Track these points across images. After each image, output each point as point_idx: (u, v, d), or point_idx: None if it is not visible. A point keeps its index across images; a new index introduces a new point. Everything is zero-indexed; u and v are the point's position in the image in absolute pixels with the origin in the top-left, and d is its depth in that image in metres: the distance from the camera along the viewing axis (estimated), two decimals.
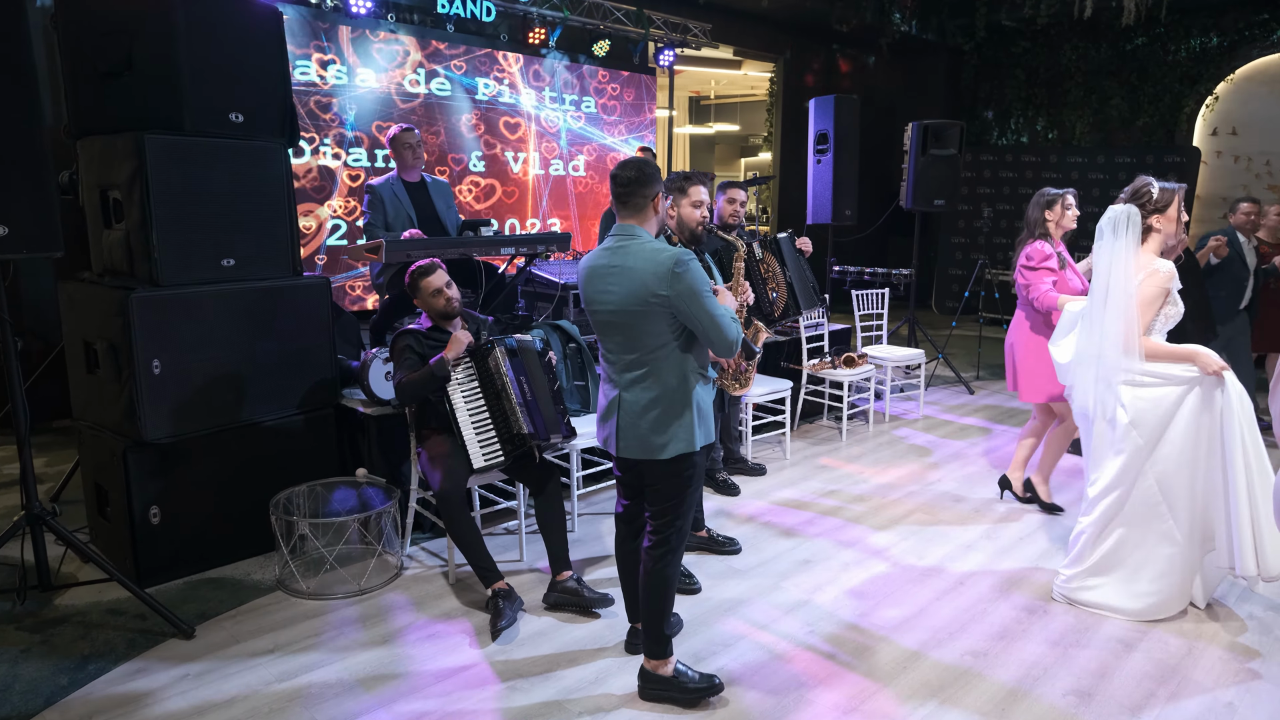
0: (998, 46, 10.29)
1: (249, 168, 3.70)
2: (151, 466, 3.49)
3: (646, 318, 2.56)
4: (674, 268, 2.49)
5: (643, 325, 2.57)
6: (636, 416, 2.65)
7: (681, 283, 2.49)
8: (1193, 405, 3.16)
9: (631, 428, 2.67)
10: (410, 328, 3.62)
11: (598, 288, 2.66)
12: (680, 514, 2.74)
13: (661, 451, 2.64)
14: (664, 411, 2.62)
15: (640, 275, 2.53)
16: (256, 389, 3.77)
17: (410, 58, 6.10)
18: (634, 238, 2.63)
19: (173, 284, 3.49)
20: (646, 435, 2.64)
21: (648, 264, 2.53)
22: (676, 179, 3.42)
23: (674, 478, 2.70)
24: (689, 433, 2.65)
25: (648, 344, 2.60)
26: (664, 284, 2.50)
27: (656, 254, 2.53)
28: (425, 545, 3.99)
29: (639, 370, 2.64)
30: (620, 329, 2.63)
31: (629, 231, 2.65)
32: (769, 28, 9.14)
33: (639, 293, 2.54)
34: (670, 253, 2.53)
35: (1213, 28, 9.01)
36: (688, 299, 2.51)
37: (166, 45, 3.41)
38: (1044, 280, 4.04)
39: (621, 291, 2.58)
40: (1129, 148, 9.57)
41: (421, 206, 4.71)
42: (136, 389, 3.39)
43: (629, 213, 2.67)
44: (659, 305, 2.53)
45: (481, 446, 3.49)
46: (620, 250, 2.62)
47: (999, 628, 3.28)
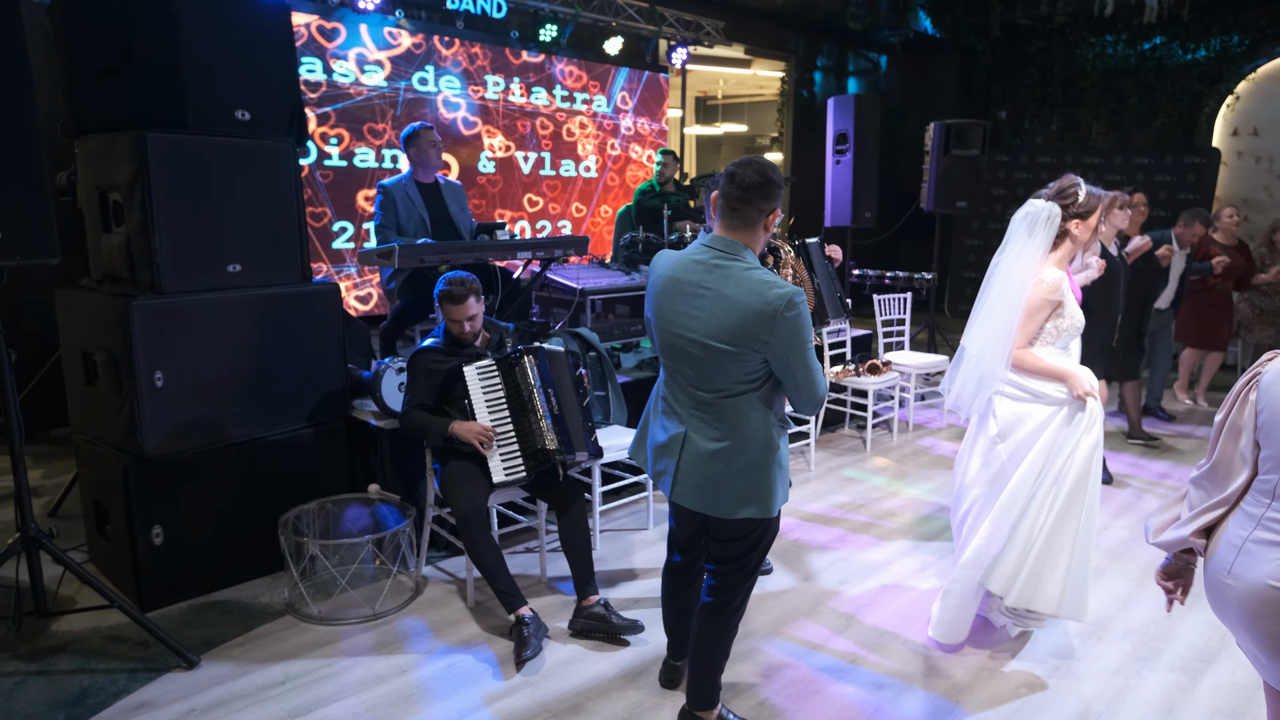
0: (1012, 45, 10.11)
1: (256, 168, 3.51)
2: (154, 484, 3.29)
3: (735, 358, 2.16)
4: (785, 310, 2.08)
5: (727, 364, 2.18)
6: (701, 462, 2.27)
7: (789, 329, 2.10)
8: (1055, 427, 2.92)
9: (693, 473, 2.29)
10: (428, 345, 3.43)
11: (678, 307, 2.24)
12: (749, 574, 2.44)
13: (730, 510, 2.27)
14: (737, 465, 2.24)
15: (740, 310, 2.12)
16: (264, 401, 3.58)
17: (418, 55, 5.91)
18: (737, 259, 2.18)
19: (176, 291, 3.29)
20: (712, 487, 2.27)
21: (753, 299, 2.11)
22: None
23: (743, 540, 2.37)
24: (767, 495, 2.28)
25: (726, 386, 2.21)
26: (768, 327, 2.10)
27: (765, 288, 2.11)
28: (440, 564, 3.80)
29: (709, 412, 2.26)
30: (697, 361, 2.23)
31: (732, 249, 2.20)
32: (781, 26, 8.96)
33: (734, 330, 2.13)
34: (782, 291, 2.10)
35: (1234, 26, 8.84)
36: (789, 347, 2.12)
37: (168, 38, 3.22)
38: None
39: (711, 322, 2.17)
40: (1146, 149, 9.39)
41: (435, 208, 4.52)
42: (138, 402, 3.20)
43: (737, 224, 2.21)
44: (755, 349, 2.14)
45: (503, 460, 3.31)
46: (718, 271, 2.18)
47: (1040, 668, 3.10)
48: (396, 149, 5.90)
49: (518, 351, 3.39)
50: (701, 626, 2.49)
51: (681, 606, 2.73)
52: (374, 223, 4.45)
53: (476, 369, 3.38)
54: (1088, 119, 9.88)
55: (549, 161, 6.84)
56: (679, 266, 2.28)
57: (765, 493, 2.28)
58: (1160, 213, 9.39)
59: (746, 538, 2.37)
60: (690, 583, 2.68)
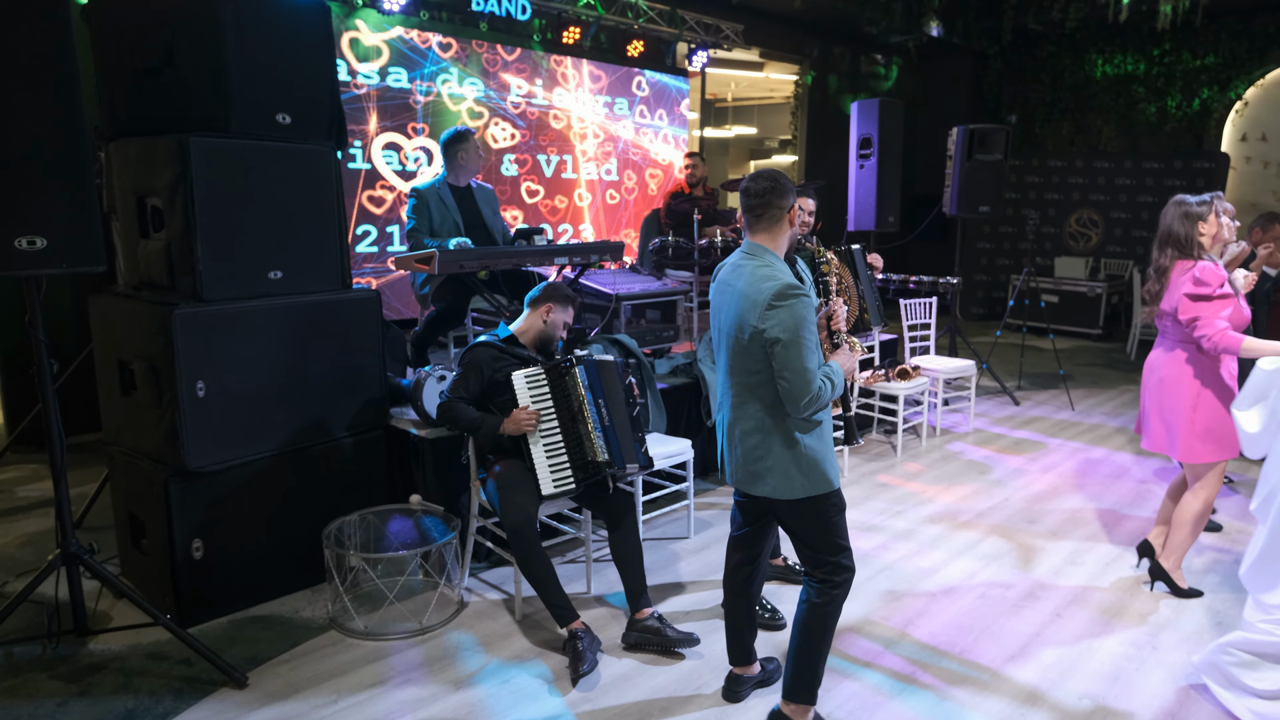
0: (1022, 50, 10.12)
1: (297, 173, 3.44)
2: (195, 497, 3.22)
3: (744, 347, 2.42)
4: (771, 299, 2.32)
5: (740, 353, 2.45)
6: (737, 442, 2.54)
7: (776, 319, 2.31)
8: None
9: (733, 451, 2.58)
10: (487, 340, 3.37)
11: (716, 302, 2.58)
12: (827, 551, 2.52)
13: (755, 486, 2.52)
14: (760, 445, 2.48)
15: (740, 300, 2.41)
16: (304, 411, 3.50)
17: (443, 56, 5.84)
18: (755, 257, 2.46)
19: (218, 299, 3.22)
20: (744, 464, 2.53)
21: (750, 289, 2.38)
22: None
23: (796, 518, 2.53)
24: (784, 475, 2.46)
25: (745, 375, 2.46)
26: (758, 315, 2.34)
27: (761, 281, 2.37)
28: (483, 576, 3.73)
29: (740, 396, 2.51)
30: (727, 350, 2.52)
31: (754, 250, 2.48)
32: (797, 29, 8.93)
33: (737, 320, 2.42)
34: (775, 283, 2.34)
35: (1242, 32, 8.87)
36: (775, 335, 2.31)
37: (213, 40, 3.14)
38: (1220, 312, 3.19)
39: (728, 313, 2.48)
40: (1157, 153, 9.41)
41: (468, 212, 4.46)
42: (179, 413, 3.12)
43: (762, 228, 2.48)
44: (755, 335, 2.37)
45: (552, 471, 3.24)
46: (738, 269, 2.49)
47: (1110, 667, 3.06)
48: (420, 151, 5.84)
49: (568, 360, 3.32)
50: (799, 615, 2.56)
51: (745, 595, 2.78)
52: (407, 226, 4.37)
53: (525, 376, 3.31)
54: (1098, 123, 9.89)
55: (570, 164, 6.78)
56: (724, 269, 2.58)
57: (783, 471, 2.44)
58: None
59: (798, 518, 2.50)
60: (753, 559, 2.76)
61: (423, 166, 5.88)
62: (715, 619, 3.37)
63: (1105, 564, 3.89)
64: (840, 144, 10.03)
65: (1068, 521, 4.38)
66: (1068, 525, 4.34)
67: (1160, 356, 3.48)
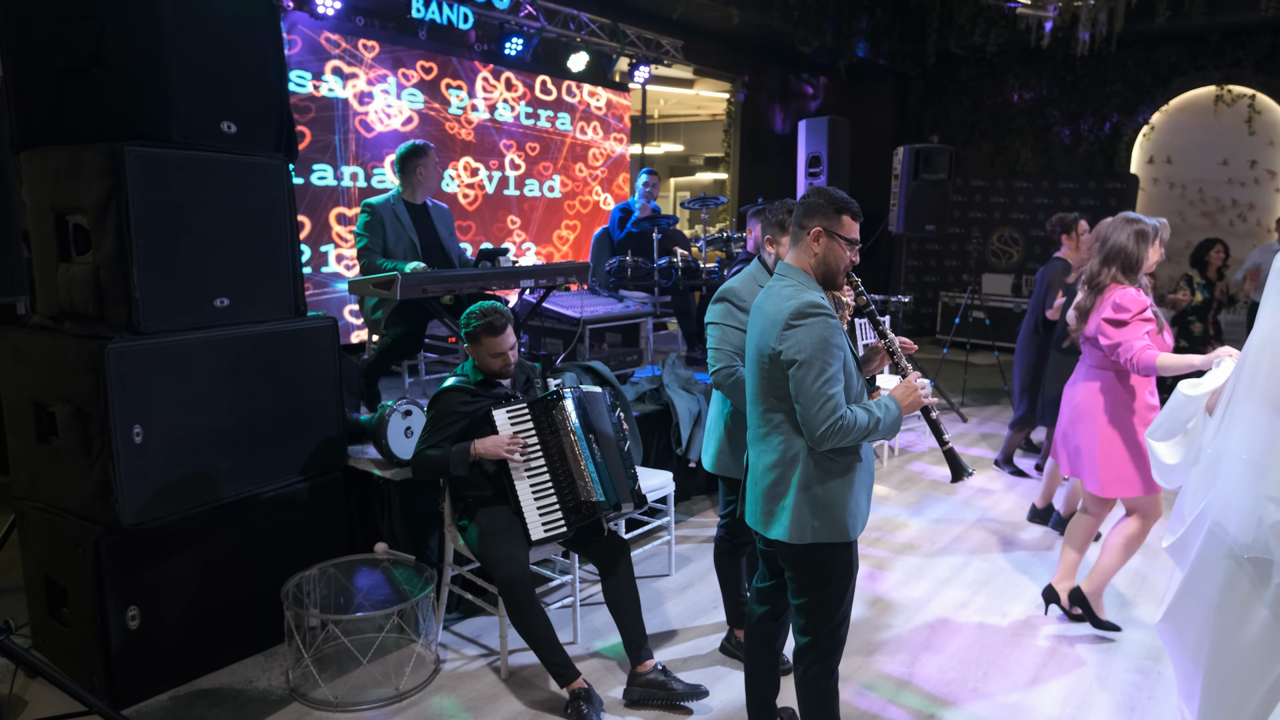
0: (943, 73, 10.39)
1: (245, 188, 3.07)
2: (131, 558, 2.80)
3: (766, 371, 2.23)
4: (789, 318, 2.14)
5: (762, 377, 2.26)
6: (757, 477, 2.34)
7: (793, 339, 2.13)
8: None
9: (753, 488, 2.35)
10: (455, 385, 3.06)
11: (750, 328, 2.37)
12: (824, 614, 2.28)
13: (766, 526, 2.30)
14: (778, 482, 2.27)
15: (763, 320, 2.25)
16: (255, 454, 3.12)
17: (380, 66, 5.48)
18: (783, 277, 2.30)
19: (156, 331, 2.82)
20: (761, 502, 2.31)
21: (771, 307, 2.23)
22: (777, 210, 2.92)
23: (798, 567, 2.29)
24: (795, 518, 2.21)
25: (771, 398, 2.25)
26: (777, 335, 2.17)
27: (783, 300, 2.20)
28: (456, 629, 3.41)
29: (764, 427, 2.30)
30: (754, 374, 2.31)
31: (783, 270, 2.32)
32: (731, 47, 8.90)
33: (759, 341, 2.25)
34: (795, 301, 2.16)
35: (1147, 60, 9.33)
36: (791, 356, 2.13)
37: (151, 35, 2.77)
38: (1139, 335, 3.06)
39: (753, 334, 2.31)
40: (1072, 174, 9.79)
41: (425, 232, 4.14)
42: (113, 463, 2.71)
43: (792, 246, 2.33)
44: (774, 358, 2.18)
45: (541, 515, 2.97)
46: (768, 290, 2.32)
47: (1123, 698, 3.00)
48: (354, 165, 5.45)
49: (554, 394, 3.07)
50: (799, 687, 2.39)
51: (766, 659, 2.59)
52: (359, 244, 4.02)
53: (508, 413, 3.04)
54: (1016, 145, 10.23)
55: (513, 180, 6.49)
56: (760, 293, 2.39)
57: (794, 513, 2.21)
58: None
59: (800, 567, 2.28)
60: (776, 616, 2.56)
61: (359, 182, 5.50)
62: (717, 665, 3.16)
63: None
64: (771, 162, 10.08)
65: (1042, 540, 4.37)
66: (1044, 543, 4.31)
67: (1077, 381, 3.38)
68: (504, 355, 3.04)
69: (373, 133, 5.54)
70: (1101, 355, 3.25)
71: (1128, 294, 3.14)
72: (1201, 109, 9.21)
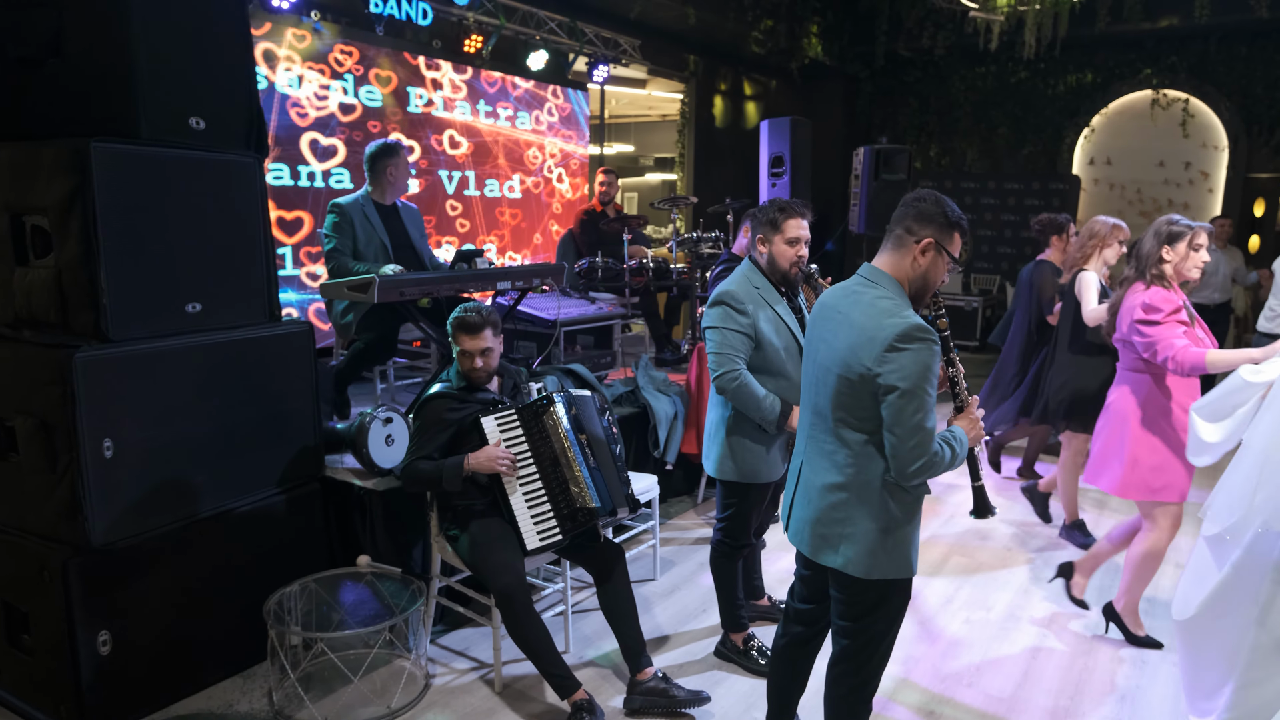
0: (891, 75, 10.56)
1: (217, 187, 2.93)
2: (101, 580, 2.64)
3: (851, 388, 2.01)
4: (896, 340, 1.92)
5: (844, 393, 2.03)
6: (813, 496, 2.13)
7: (896, 363, 1.92)
8: None
9: (804, 506, 2.16)
10: (440, 391, 2.97)
11: (819, 331, 2.14)
12: (869, 641, 2.16)
13: (823, 552, 2.10)
14: (842, 507, 2.07)
15: (856, 334, 1.99)
16: (230, 466, 2.98)
17: (336, 63, 5.31)
18: (873, 284, 2.06)
19: (126, 338, 2.67)
20: (815, 525, 2.12)
21: (869, 323, 1.98)
22: (769, 209, 2.88)
23: (857, 599, 2.12)
24: (865, 549, 2.05)
25: (847, 418, 2.04)
26: (875, 357, 1.94)
27: (883, 315, 1.97)
28: (442, 641, 3.31)
29: (831, 443, 2.09)
30: (824, 386, 2.09)
31: (873, 275, 2.09)
32: (686, 47, 8.89)
33: (847, 356, 2.00)
34: (901, 321, 1.94)
35: (1087, 65, 9.62)
36: (890, 383, 1.93)
37: (116, 25, 2.61)
38: (1176, 335, 2.98)
39: (836, 345, 2.05)
40: (1017, 174, 10.04)
41: (395, 233, 4.01)
42: (81, 480, 2.55)
43: (888, 248, 2.10)
44: (865, 380, 1.97)
45: (535, 523, 2.90)
46: (854, 295, 2.07)
47: (1112, 687, 3.06)
48: (308, 164, 5.27)
49: (543, 399, 2.99)
50: (831, 686, 2.26)
51: (799, 670, 2.49)
52: (327, 246, 3.88)
53: (496, 420, 2.95)
54: (962, 146, 10.46)
55: (473, 181, 6.36)
56: (832, 293, 2.17)
57: (861, 544, 2.05)
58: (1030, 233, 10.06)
59: (864, 596, 2.11)
60: (811, 638, 2.44)
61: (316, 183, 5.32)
62: (713, 670, 3.13)
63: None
64: (724, 163, 10.11)
65: (1017, 536, 4.45)
66: (1018, 539, 4.39)
67: (1114, 386, 3.34)
68: (472, 356, 2.94)
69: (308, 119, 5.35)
70: (1134, 357, 3.17)
71: (1157, 293, 3.07)
72: (1138, 112, 9.54)
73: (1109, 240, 3.99)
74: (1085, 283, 3.94)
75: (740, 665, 3.13)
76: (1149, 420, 3.14)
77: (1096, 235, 4.01)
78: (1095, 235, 4.01)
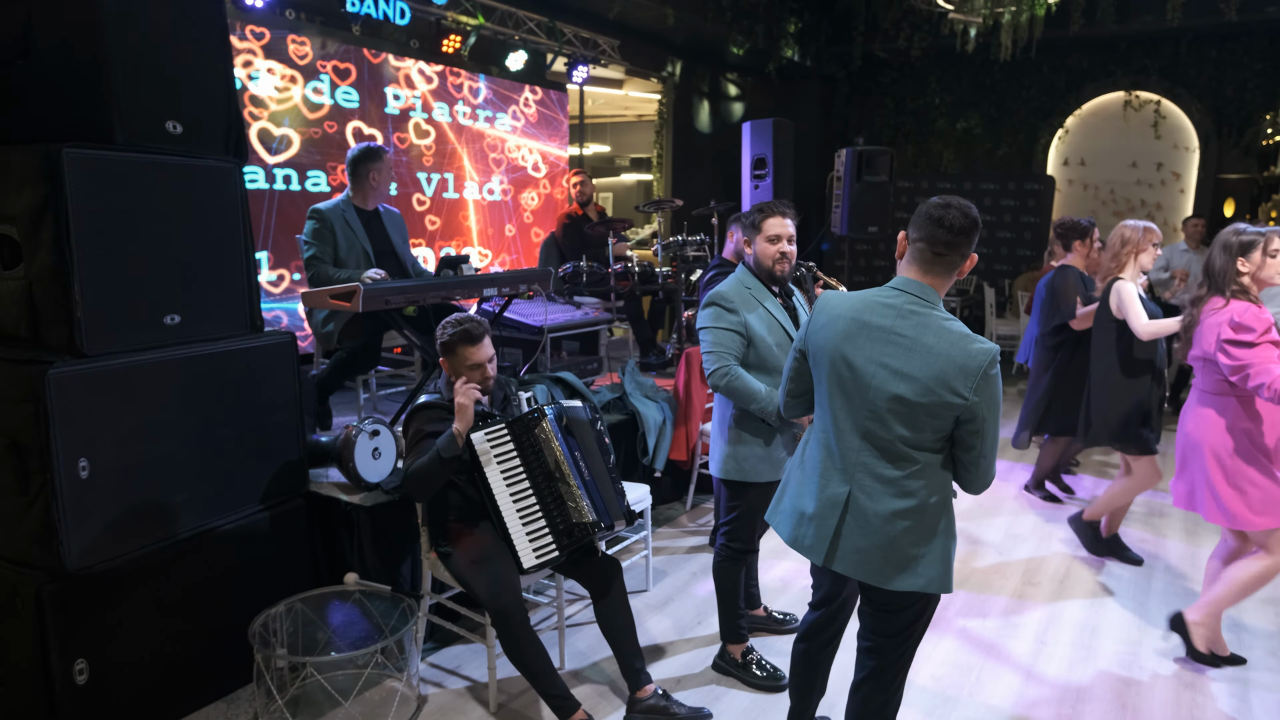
0: (868, 76, 10.59)
1: (196, 193, 2.82)
2: (78, 606, 2.52)
3: (930, 413, 1.99)
4: (989, 367, 1.95)
5: (921, 419, 2.00)
6: (876, 525, 2.07)
7: (989, 389, 1.96)
8: None
9: (864, 536, 2.08)
10: (428, 401, 2.89)
11: (866, 351, 2.04)
12: (903, 655, 2.24)
13: (898, 578, 2.06)
14: (915, 529, 2.06)
15: (942, 362, 1.96)
16: (211, 483, 2.87)
17: (311, 62, 5.19)
18: (931, 305, 2.03)
19: (101, 353, 2.55)
20: (881, 553, 2.06)
21: (955, 350, 1.96)
22: (750, 213, 2.95)
23: (905, 612, 2.17)
24: (942, 565, 2.08)
25: (918, 442, 2.03)
26: (970, 384, 1.95)
27: (965, 340, 1.97)
28: (432, 659, 3.22)
29: (892, 468, 2.05)
30: (888, 414, 2.03)
31: (925, 294, 2.03)
32: (665, 48, 8.84)
33: (932, 384, 1.96)
34: (986, 346, 1.96)
35: (1060, 67, 9.72)
36: (990, 408, 1.98)
37: (90, 24, 2.50)
38: (1273, 359, 2.78)
39: (911, 371, 1.99)
40: (992, 175, 10.12)
41: (378, 239, 3.91)
42: (56, 501, 2.43)
43: (940, 270, 2.04)
44: (953, 406, 1.97)
45: (531, 540, 2.82)
46: (913, 318, 2.01)
47: (1112, 696, 3.04)
48: (287, 169, 5.14)
49: (534, 412, 2.91)
50: (858, 708, 2.30)
51: (814, 677, 2.51)
52: (306, 253, 3.76)
53: (486, 435, 2.87)
54: (938, 147, 10.51)
55: (452, 182, 6.25)
56: (864, 308, 2.09)
57: (939, 560, 2.09)
58: (1006, 234, 10.16)
59: (910, 609, 2.17)
60: (827, 645, 2.48)
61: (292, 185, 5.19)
62: (712, 685, 3.07)
63: (1059, 581, 3.94)
64: (702, 164, 10.07)
65: (1007, 539, 4.44)
66: (1009, 543, 4.39)
67: (1191, 407, 3.10)
68: (482, 367, 2.87)
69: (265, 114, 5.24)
70: (1218, 379, 2.97)
71: (1246, 310, 2.86)
72: (1112, 114, 9.65)
73: (1143, 245, 3.79)
74: (1127, 294, 3.70)
75: (739, 679, 3.08)
76: (1242, 450, 2.94)
77: (1130, 242, 3.79)
78: (1129, 242, 3.79)
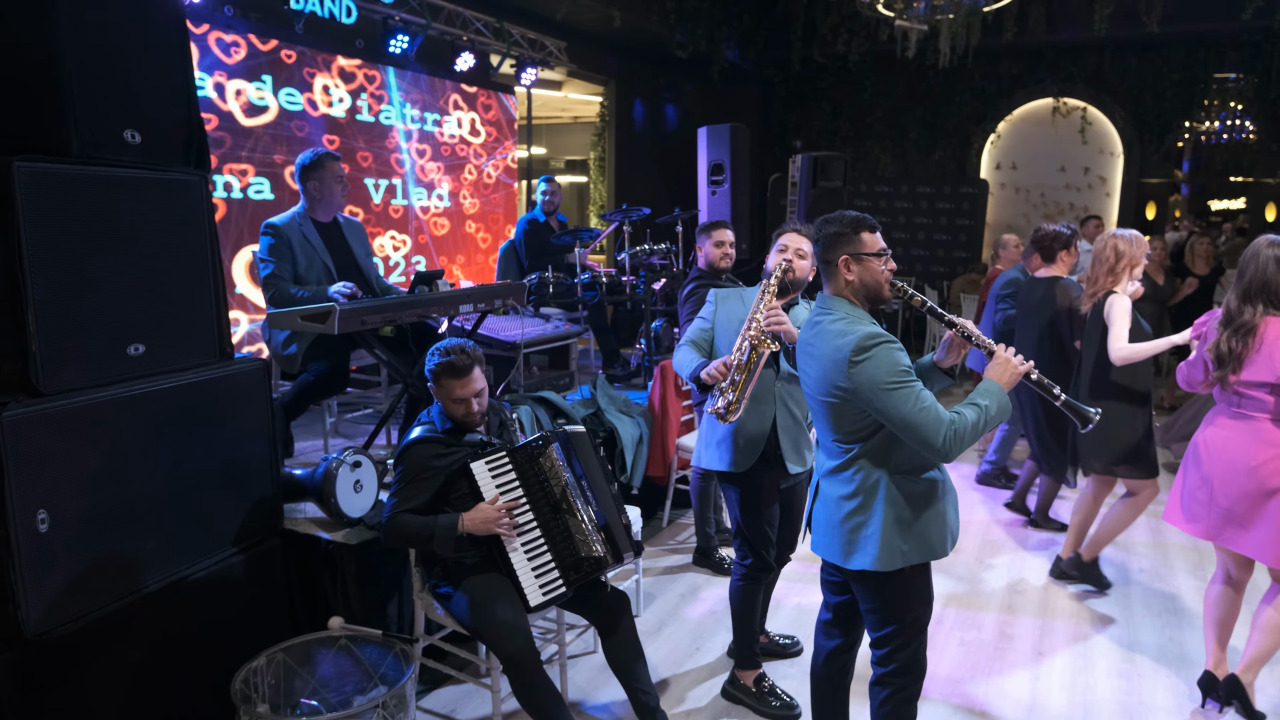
0: (805, 80, 10.67)
1: (158, 209, 2.55)
2: (38, 676, 2.24)
3: (837, 408, 2.21)
4: (851, 356, 2.10)
5: (836, 412, 2.22)
6: (831, 509, 2.29)
7: (862, 375, 2.09)
8: None
9: (825, 520, 2.31)
10: (423, 436, 2.69)
11: (801, 365, 2.34)
12: (904, 636, 2.28)
13: (847, 557, 2.24)
14: (856, 512, 2.23)
15: (825, 363, 2.19)
16: (181, 527, 2.61)
17: (252, 62, 4.86)
18: (828, 312, 2.23)
19: (59, 390, 2.28)
20: (836, 532, 2.27)
21: (829, 348, 2.17)
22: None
23: (881, 594, 2.27)
24: (884, 545, 2.18)
25: (845, 431, 2.23)
26: (843, 374, 2.13)
27: (835, 338, 2.17)
28: (424, 704, 3.02)
29: (838, 459, 2.27)
30: (821, 412, 2.28)
31: (825, 305, 2.27)
32: (607, 51, 8.70)
33: (823, 383, 2.21)
34: (851, 337, 2.12)
35: (991, 73, 9.98)
36: (869, 393, 2.09)
37: (42, 25, 2.23)
38: None
39: (812, 374, 2.26)
40: (928, 178, 10.32)
41: (339, 253, 3.66)
42: (12, 560, 2.16)
43: (828, 278, 2.27)
44: (844, 397, 2.16)
45: (537, 577, 2.66)
46: (814, 327, 2.27)
47: (1115, 703, 3.07)
48: (228, 175, 4.81)
49: (539, 439, 2.75)
50: (873, 710, 2.38)
51: (838, 694, 2.53)
52: (263, 271, 3.50)
53: (487, 464, 2.70)
54: (875, 151, 10.67)
55: (400, 189, 5.98)
56: (803, 328, 2.34)
57: (873, 540, 2.19)
58: (942, 236, 10.38)
59: (880, 596, 2.26)
60: (849, 648, 2.51)
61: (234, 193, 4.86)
62: (723, 716, 2.98)
63: (1044, 587, 3.98)
64: (644, 166, 9.98)
65: (985, 546, 4.48)
66: (988, 550, 4.42)
67: (1236, 438, 2.77)
68: (466, 402, 2.69)
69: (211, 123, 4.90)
70: (1266, 404, 2.72)
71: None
72: (1041, 119, 9.96)
73: (1137, 257, 3.55)
74: (1120, 310, 3.45)
75: (753, 709, 2.98)
76: None
77: (1124, 255, 3.54)
78: (1124, 255, 3.54)
